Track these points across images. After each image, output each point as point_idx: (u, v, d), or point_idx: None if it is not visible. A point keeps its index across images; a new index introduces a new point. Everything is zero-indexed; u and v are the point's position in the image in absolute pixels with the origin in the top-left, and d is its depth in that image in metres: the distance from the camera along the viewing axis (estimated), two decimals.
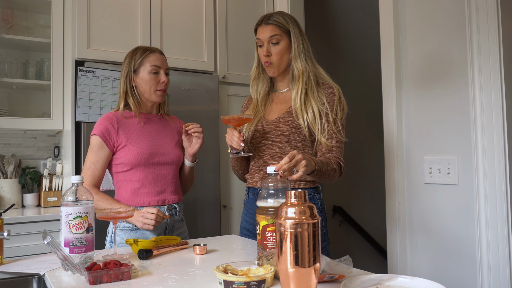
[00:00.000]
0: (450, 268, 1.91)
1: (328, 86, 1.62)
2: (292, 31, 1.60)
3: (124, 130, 1.67)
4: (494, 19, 1.75)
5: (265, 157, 1.64)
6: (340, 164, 1.55)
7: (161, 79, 1.69)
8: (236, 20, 3.04)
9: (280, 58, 1.60)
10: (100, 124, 1.66)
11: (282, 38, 1.60)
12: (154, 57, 1.69)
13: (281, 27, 1.60)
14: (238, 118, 1.51)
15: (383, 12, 2.22)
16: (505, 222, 1.71)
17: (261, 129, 1.66)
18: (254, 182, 1.69)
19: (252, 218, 1.70)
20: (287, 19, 1.62)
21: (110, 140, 1.65)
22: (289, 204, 0.88)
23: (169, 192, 1.72)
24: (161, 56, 1.73)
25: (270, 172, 1.20)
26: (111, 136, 1.65)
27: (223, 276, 0.95)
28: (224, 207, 2.86)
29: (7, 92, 2.70)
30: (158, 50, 1.73)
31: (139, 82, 1.69)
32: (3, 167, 2.52)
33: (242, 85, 3.00)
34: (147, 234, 1.64)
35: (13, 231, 2.10)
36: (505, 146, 1.72)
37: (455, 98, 1.90)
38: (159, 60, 1.70)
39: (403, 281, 0.94)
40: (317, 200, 1.61)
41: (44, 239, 1.08)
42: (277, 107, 1.68)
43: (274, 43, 1.59)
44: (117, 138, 1.66)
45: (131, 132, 1.68)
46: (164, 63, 1.72)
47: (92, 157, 1.64)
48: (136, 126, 1.70)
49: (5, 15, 2.59)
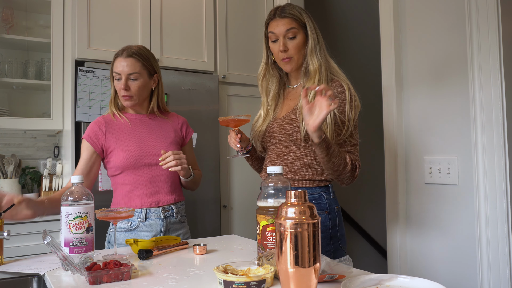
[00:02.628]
0: (450, 268, 1.91)
1: (338, 84, 1.51)
2: (307, 24, 1.51)
3: (113, 134, 1.68)
4: (494, 19, 1.75)
5: (272, 156, 1.59)
6: (355, 164, 1.46)
7: (120, 86, 1.64)
8: (236, 20, 3.04)
9: (298, 53, 1.51)
10: (89, 128, 1.69)
11: (298, 31, 1.50)
12: (117, 62, 1.65)
13: (297, 20, 1.50)
14: (233, 119, 1.50)
15: (383, 12, 2.22)
16: (505, 222, 1.71)
17: (270, 128, 1.61)
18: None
19: None
20: (301, 11, 1.53)
21: (97, 143, 1.66)
22: (289, 204, 0.88)
23: (164, 193, 1.70)
24: (126, 59, 1.63)
25: (270, 172, 1.20)
26: (99, 139, 1.66)
27: (223, 276, 0.95)
28: (224, 207, 2.86)
29: (7, 92, 2.70)
30: (125, 53, 1.64)
31: None
32: (3, 167, 2.52)
33: (242, 85, 3.00)
34: (141, 236, 1.64)
35: (13, 231, 2.10)
36: (505, 146, 1.72)
37: (455, 98, 1.90)
38: (119, 66, 1.63)
39: (403, 281, 0.94)
40: (324, 200, 1.52)
41: (44, 239, 1.08)
42: (286, 104, 1.60)
43: (291, 37, 1.50)
44: (105, 141, 1.67)
45: (120, 135, 1.68)
46: (126, 68, 1.62)
47: (80, 161, 1.67)
48: (125, 128, 1.70)
49: (5, 15, 2.59)
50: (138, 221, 1.65)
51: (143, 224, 1.65)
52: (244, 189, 2.96)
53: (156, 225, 1.66)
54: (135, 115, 1.74)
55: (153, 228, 1.65)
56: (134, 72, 1.64)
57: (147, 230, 1.65)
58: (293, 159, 1.54)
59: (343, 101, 1.47)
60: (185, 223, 1.79)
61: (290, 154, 1.54)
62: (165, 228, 1.68)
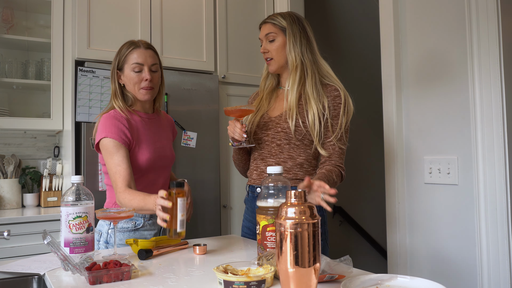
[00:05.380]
0: (450, 268, 1.91)
1: (333, 89, 1.58)
2: (287, 27, 1.61)
3: (133, 132, 1.58)
4: (494, 19, 1.75)
5: (263, 154, 1.63)
6: (341, 173, 1.55)
7: (144, 76, 1.58)
8: (236, 20, 3.04)
9: (278, 54, 1.62)
10: (110, 125, 1.53)
11: (277, 35, 1.62)
12: (137, 54, 1.58)
13: (276, 25, 1.63)
14: (240, 109, 1.52)
15: (383, 12, 2.22)
16: (505, 222, 1.71)
17: (263, 125, 1.65)
18: (252, 180, 1.69)
19: (252, 216, 1.69)
20: (286, 16, 1.63)
21: (126, 139, 1.54)
22: (289, 204, 0.88)
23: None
24: (146, 51, 1.60)
25: (270, 172, 1.20)
26: (126, 134, 1.54)
27: (223, 276, 0.95)
28: (224, 207, 2.86)
29: (7, 92, 2.70)
30: (143, 44, 1.62)
31: (125, 80, 1.61)
32: (3, 167, 2.52)
33: (242, 85, 3.00)
34: (145, 235, 1.63)
35: (13, 231, 2.10)
36: (505, 146, 1.72)
37: (455, 98, 1.90)
38: (142, 56, 1.58)
39: (403, 281, 0.94)
40: None
41: (44, 239, 1.08)
42: (280, 104, 1.67)
43: (271, 40, 1.63)
44: (132, 137, 1.56)
45: (138, 134, 1.60)
46: (149, 58, 1.59)
47: (114, 160, 1.50)
48: (141, 128, 1.62)
49: (5, 15, 2.59)
50: (144, 220, 1.63)
51: (148, 223, 1.65)
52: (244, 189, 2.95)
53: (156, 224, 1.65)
54: (143, 114, 1.66)
55: (156, 226, 1.65)
56: (155, 63, 1.62)
57: (151, 228, 1.64)
58: (286, 158, 1.59)
59: (338, 105, 1.56)
60: None
61: (283, 153, 1.60)
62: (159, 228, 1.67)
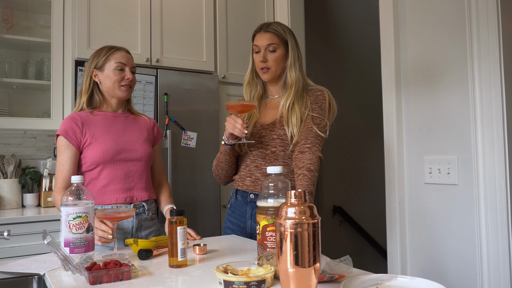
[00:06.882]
0: (450, 268, 1.91)
1: (317, 90, 1.68)
2: (289, 41, 1.67)
3: (89, 128, 1.66)
4: (494, 19, 1.75)
5: (257, 161, 1.67)
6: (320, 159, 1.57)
7: (126, 75, 1.69)
8: (236, 21, 3.04)
9: (277, 65, 1.67)
10: (63, 123, 1.64)
11: (279, 47, 1.66)
12: (120, 55, 1.70)
13: (279, 36, 1.67)
14: (243, 104, 1.52)
15: (383, 12, 2.22)
16: (505, 222, 1.71)
17: (256, 132, 1.69)
18: (245, 185, 1.70)
19: (239, 220, 1.72)
20: (285, 29, 1.69)
21: (75, 139, 1.63)
22: (289, 204, 0.88)
23: (138, 189, 1.69)
24: (127, 54, 1.73)
25: (270, 172, 1.20)
26: (76, 134, 1.63)
27: (223, 276, 0.95)
28: (224, 207, 2.86)
29: (7, 92, 2.70)
30: (124, 49, 1.74)
31: (103, 79, 1.68)
32: (3, 167, 2.52)
33: (242, 85, 2.99)
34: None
35: (13, 231, 2.10)
36: (505, 146, 1.72)
37: (455, 98, 1.90)
38: (125, 57, 1.71)
39: (403, 281, 0.94)
40: None
41: (44, 239, 1.08)
42: (270, 112, 1.72)
43: (271, 50, 1.66)
44: (83, 136, 1.64)
45: (96, 130, 1.67)
46: (130, 61, 1.73)
47: (60, 159, 1.63)
48: (101, 124, 1.69)
49: (5, 15, 2.59)
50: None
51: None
52: None
53: (127, 222, 1.65)
54: (110, 112, 1.74)
55: (124, 225, 1.64)
56: (134, 66, 1.76)
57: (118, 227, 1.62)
58: (281, 164, 1.63)
59: (322, 101, 1.65)
60: (156, 220, 1.77)
61: (278, 160, 1.64)
62: (137, 225, 1.67)
